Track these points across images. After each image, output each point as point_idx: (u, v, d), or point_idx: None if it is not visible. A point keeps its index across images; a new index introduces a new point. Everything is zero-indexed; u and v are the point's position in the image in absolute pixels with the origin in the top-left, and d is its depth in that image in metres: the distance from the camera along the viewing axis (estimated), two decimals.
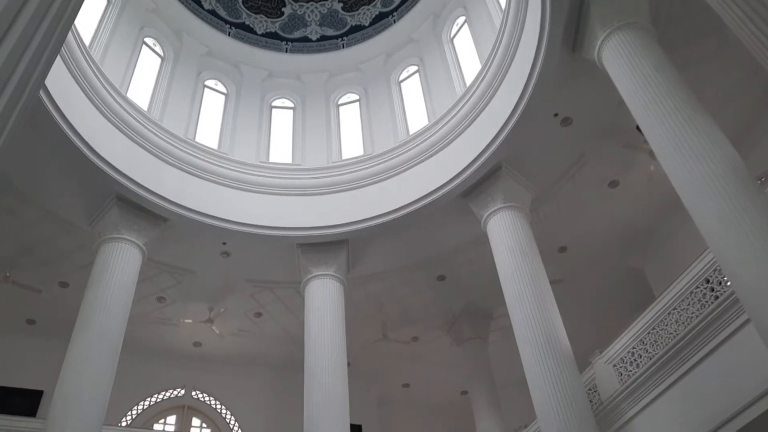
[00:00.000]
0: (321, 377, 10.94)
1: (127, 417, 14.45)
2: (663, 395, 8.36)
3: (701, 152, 6.97)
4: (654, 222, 13.21)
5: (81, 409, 9.03)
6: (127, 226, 11.27)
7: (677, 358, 8.14)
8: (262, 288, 14.02)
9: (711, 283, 7.94)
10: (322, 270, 12.51)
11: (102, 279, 10.50)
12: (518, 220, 11.05)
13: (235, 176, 13.13)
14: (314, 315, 11.87)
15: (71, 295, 12.72)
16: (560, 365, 9.06)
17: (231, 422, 15.35)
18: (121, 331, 10.25)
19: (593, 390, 9.70)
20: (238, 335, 15.24)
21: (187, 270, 13.29)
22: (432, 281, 14.13)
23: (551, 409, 8.74)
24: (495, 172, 11.39)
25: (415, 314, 15.09)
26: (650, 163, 11.58)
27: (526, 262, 10.39)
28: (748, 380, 7.06)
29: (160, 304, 14.10)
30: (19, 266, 12.70)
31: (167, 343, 15.17)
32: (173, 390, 15.34)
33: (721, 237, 6.45)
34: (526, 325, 9.63)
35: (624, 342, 9.25)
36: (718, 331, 7.64)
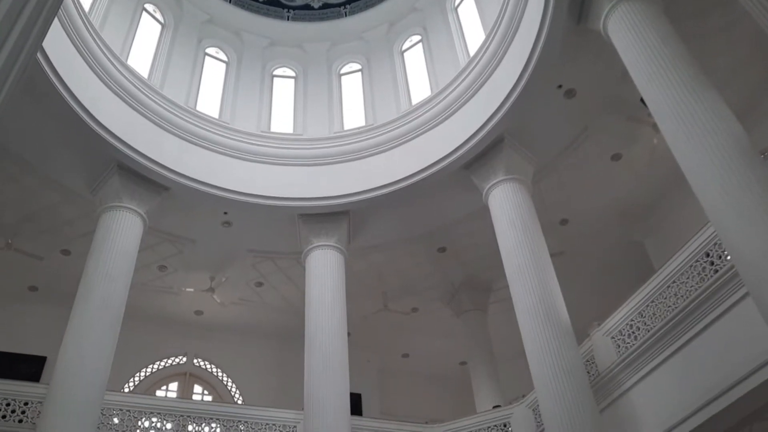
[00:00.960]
0: (321, 346, 11.05)
1: (130, 383, 14.64)
2: (660, 367, 8.44)
3: (705, 126, 6.92)
4: (656, 196, 13.18)
5: (84, 375, 9.15)
6: (128, 195, 11.28)
7: (675, 331, 8.21)
8: (263, 258, 14.08)
9: (711, 256, 7.96)
10: (323, 240, 12.54)
11: (103, 247, 10.54)
12: (520, 192, 11.03)
13: (236, 145, 13.09)
14: (315, 285, 11.94)
15: (73, 262, 12.78)
16: (559, 337, 9.14)
17: (232, 389, 15.55)
18: (123, 298, 10.33)
19: (591, 361, 9.80)
20: (240, 304, 15.34)
21: (189, 239, 13.34)
22: (432, 253, 14.18)
23: (549, 379, 8.85)
24: (497, 144, 11.34)
25: (415, 285, 15.17)
26: (653, 137, 11.50)
27: (527, 234, 10.40)
28: (746, 353, 7.12)
29: (162, 273, 14.18)
30: (21, 233, 12.74)
31: (169, 311, 15.29)
32: (175, 357, 15.52)
33: (722, 211, 6.44)
34: (526, 297, 9.69)
35: (623, 314, 9.31)
36: (717, 304, 7.69)
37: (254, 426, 10.97)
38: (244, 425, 10.95)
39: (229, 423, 10.88)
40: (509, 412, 11.54)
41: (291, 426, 11.14)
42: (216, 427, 10.75)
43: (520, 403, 11.45)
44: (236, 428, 10.88)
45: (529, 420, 11.02)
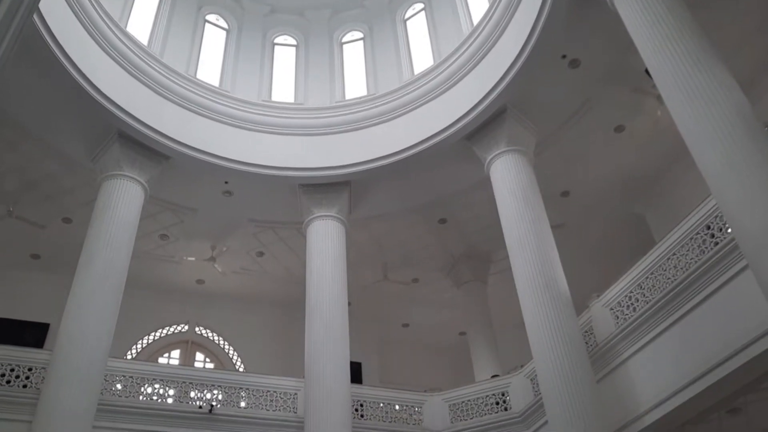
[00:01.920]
0: (322, 315, 11.13)
1: (132, 350, 14.80)
2: (658, 338, 8.51)
3: (709, 96, 6.86)
4: (658, 169, 13.13)
5: (86, 342, 9.25)
6: (129, 163, 11.25)
7: (674, 303, 8.25)
8: (264, 228, 14.10)
9: (712, 229, 7.96)
10: (324, 211, 12.54)
11: (105, 215, 10.56)
12: (521, 163, 10.99)
13: (237, 114, 13.01)
14: (316, 255, 11.98)
15: (75, 230, 12.81)
16: (558, 308, 9.20)
17: (233, 357, 15.71)
18: (124, 266, 10.38)
19: (589, 332, 9.87)
20: (241, 274, 15.42)
21: (190, 208, 13.34)
22: (433, 224, 14.19)
23: (547, 350, 8.93)
24: (500, 115, 11.26)
25: (415, 256, 15.22)
26: (657, 108, 11.42)
27: (528, 206, 10.40)
28: (743, 325, 7.16)
29: (163, 242, 14.22)
30: (23, 201, 12.75)
31: (171, 280, 15.37)
32: (177, 325, 15.66)
33: (724, 183, 6.42)
34: (526, 268, 9.73)
35: (622, 286, 9.35)
36: (716, 276, 7.72)
37: (255, 393, 11.11)
38: (245, 392, 11.08)
39: (230, 390, 11.01)
40: (507, 381, 11.68)
41: (291, 393, 11.28)
42: (218, 393, 10.89)
43: (518, 373, 11.58)
44: (237, 395, 11.02)
45: (527, 389, 11.15)
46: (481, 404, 11.59)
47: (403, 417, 11.75)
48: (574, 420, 8.14)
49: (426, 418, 11.77)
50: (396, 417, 11.72)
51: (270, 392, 11.21)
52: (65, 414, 8.54)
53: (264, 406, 11.02)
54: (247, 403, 11.00)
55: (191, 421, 10.32)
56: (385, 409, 11.73)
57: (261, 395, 11.13)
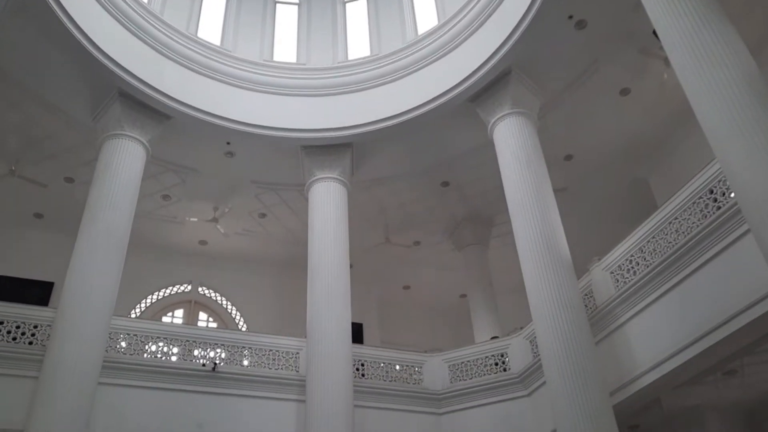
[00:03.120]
0: (324, 277, 11.21)
1: (136, 309, 14.97)
2: (657, 301, 8.58)
3: (717, 59, 6.75)
4: (662, 133, 13.03)
5: (90, 300, 9.34)
6: (130, 123, 11.19)
7: (674, 267, 8.29)
8: (266, 189, 14.09)
9: (714, 193, 7.94)
10: (326, 173, 12.51)
11: (106, 175, 10.55)
12: (525, 126, 10.91)
13: (238, 74, 12.87)
14: (318, 217, 12.00)
15: (77, 190, 12.83)
16: (558, 271, 9.24)
17: (236, 317, 15.89)
18: (127, 226, 10.42)
19: (589, 295, 9.95)
20: (243, 235, 15.48)
21: (192, 169, 13.32)
22: (436, 187, 14.17)
23: (547, 312, 9.00)
24: (504, 77, 11.12)
25: (417, 219, 15.24)
26: (664, 71, 11.26)
27: (531, 169, 10.36)
28: (742, 289, 7.22)
29: (166, 202, 14.24)
30: (25, 160, 12.73)
31: (174, 240, 15.45)
32: (180, 285, 15.79)
33: (729, 146, 6.36)
34: (527, 231, 9.74)
35: (623, 250, 9.39)
36: (717, 241, 7.73)
37: (258, 352, 11.26)
38: (248, 351, 11.23)
39: (233, 349, 11.16)
40: (507, 343, 11.82)
41: (294, 352, 11.43)
42: (221, 352, 11.04)
43: (517, 335, 11.71)
44: (240, 354, 11.17)
45: (525, 351, 11.29)
46: (481, 365, 11.76)
47: (403, 377, 11.93)
48: (571, 381, 8.26)
49: (426, 378, 11.95)
50: (396, 377, 11.90)
51: (272, 351, 11.36)
52: (71, 370, 8.68)
53: (266, 364, 11.18)
54: (250, 362, 11.16)
55: (195, 379, 10.49)
56: (386, 368, 11.90)
57: (263, 354, 11.28)
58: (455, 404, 11.56)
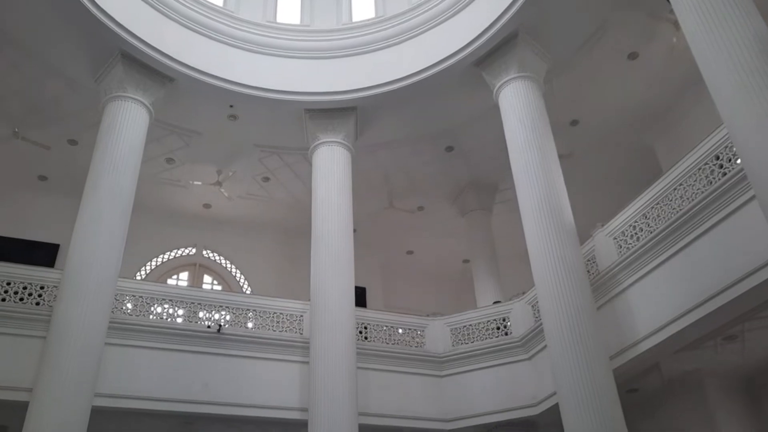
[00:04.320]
0: (328, 241, 11.24)
1: (142, 272, 15.09)
2: (660, 267, 8.61)
3: (728, 21, 6.63)
4: (670, 99, 12.90)
5: (96, 262, 9.40)
6: (133, 85, 11.11)
7: (678, 233, 8.29)
8: (270, 153, 14.05)
9: (720, 159, 7.90)
10: (330, 137, 12.44)
11: (110, 137, 10.52)
12: (531, 91, 10.79)
13: (242, 36, 12.70)
14: (321, 181, 11.97)
15: (81, 152, 12.81)
16: (562, 236, 9.24)
17: (241, 281, 16.02)
18: (131, 188, 10.42)
19: (592, 261, 9.98)
20: (247, 199, 15.50)
21: (195, 132, 13.26)
22: (440, 152, 14.11)
23: (549, 277, 9.04)
24: (511, 40, 10.94)
25: (421, 184, 15.22)
26: (673, 35, 11.11)
27: (536, 134, 10.28)
28: (745, 255, 7.23)
29: (169, 165, 14.22)
30: (28, 123, 12.70)
31: (178, 204, 15.48)
32: (185, 248, 15.89)
33: (737, 111, 6.30)
34: (531, 197, 9.72)
35: (627, 216, 9.38)
36: (722, 207, 7.72)
37: (262, 314, 11.38)
38: (252, 313, 11.35)
39: (238, 311, 11.27)
40: (509, 307, 11.91)
41: (297, 315, 11.55)
42: (225, 314, 11.16)
43: (519, 300, 11.80)
44: (245, 316, 11.29)
45: (527, 315, 11.39)
46: (482, 329, 11.87)
47: (405, 340, 12.07)
48: (572, 345, 8.33)
49: (428, 341, 12.09)
50: (399, 340, 12.04)
51: (276, 314, 11.48)
52: (78, 331, 8.78)
53: (271, 327, 11.31)
54: (255, 324, 11.29)
55: (200, 340, 10.63)
56: (389, 332, 12.04)
57: (268, 317, 11.40)
58: (457, 367, 11.72)
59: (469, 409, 11.32)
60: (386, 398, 11.17)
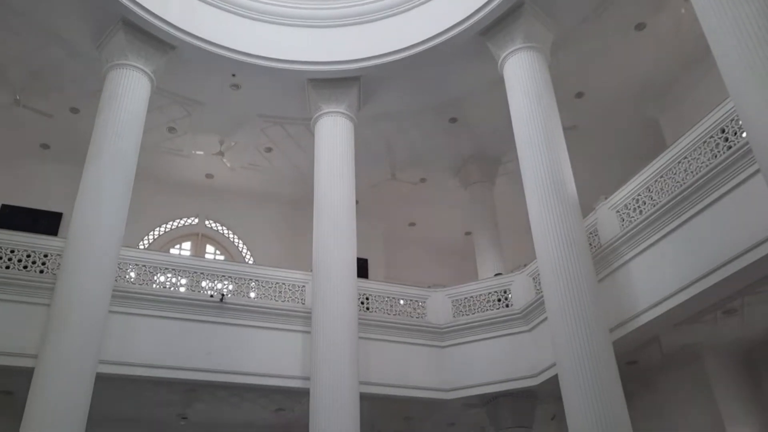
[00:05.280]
0: (330, 211, 11.24)
1: (144, 241, 15.14)
2: (662, 240, 8.61)
3: None
4: (676, 71, 12.77)
5: (99, 231, 9.42)
6: (135, 52, 11.00)
7: (681, 206, 8.27)
8: (272, 123, 13.98)
9: (726, 132, 7.84)
10: (333, 107, 12.35)
11: (111, 105, 10.46)
12: (537, 62, 10.66)
13: (244, 4, 12.49)
14: (324, 151, 11.92)
15: (83, 121, 12.72)
16: (564, 209, 9.21)
17: (243, 251, 16.08)
18: (134, 157, 10.39)
19: (594, 234, 9.99)
20: (249, 169, 15.47)
21: (197, 101, 13.17)
22: (443, 123, 14.02)
23: (551, 249, 9.03)
24: (517, 9, 10.77)
25: (424, 156, 15.16)
26: (681, 5, 10.94)
27: (541, 105, 10.19)
28: (747, 229, 7.22)
29: (171, 135, 14.16)
30: (29, 90, 12.62)
31: (180, 174, 15.46)
32: (187, 218, 15.93)
33: (744, 83, 6.22)
34: (535, 169, 9.67)
35: (630, 189, 9.36)
36: (726, 181, 7.69)
37: (264, 284, 11.45)
38: (255, 283, 11.42)
39: (240, 281, 11.34)
40: (510, 279, 11.96)
41: (300, 286, 11.62)
42: (228, 284, 11.22)
43: (521, 272, 11.84)
44: (247, 286, 11.36)
45: (528, 287, 11.44)
46: (483, 300, 11.94)
47: (407, 311, 12.15)
48: (573, 317, 8.36)
49: (429, 312, 12.17)
50: (400, 311, 12.12)
51: (279, 284, 11.55)
52: (82, 299, 8.84)
53: (273, 297, 11.38)
54: (257, 294, 11.36)
55: (203, 309, 10.71)
56: (390, 302, 12.11)
57: (270, 287, 11.47)
58: (457, 338, 11.82)
59: (469, 380, 11.45)
60: (387, 368, 11.28)
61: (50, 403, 8.01)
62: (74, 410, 8.16)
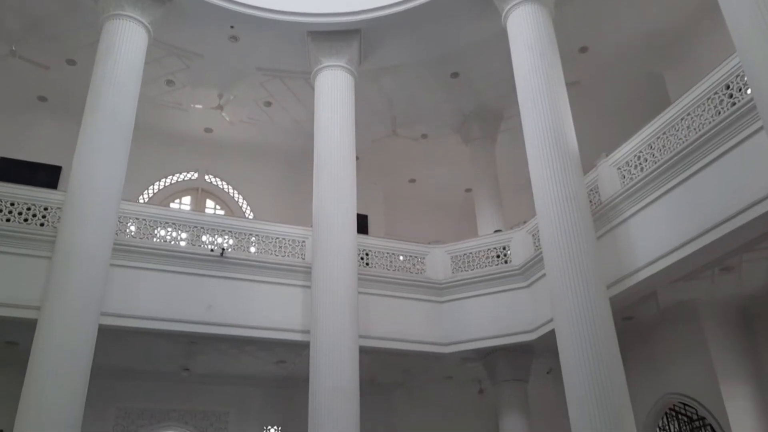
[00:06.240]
0: (330, 167, 11.19)
1: (144, 195, 15.13)
2: (662, 198, 8.59)
3: None
4: (682, 26, 12.54)
5: (98, 184, 9.40)
6: (131, 3, 10.76)
7: (682, 163, 8.23)
8: (271, 77, 13.79)
9: (731, 89, 7.73)
10: (333, 61, 12.16)
11: (109, 57, 10.30)
12: (541, 15, 10.42)
13: None
14: (324, 106, 11.79)
15: (80, 73, 12.56)
16: (565, 165, 9.15)
17: (243, 206, 16.09)
18: (132, 110, 10.29)
19: (594, 191, 9.96)
20: (249, 123, 15.34)
21: (195, 53, 12.96)
22: (445, 78, 13.84)
23: (551, 206, 9.00)
24: None
25: (425, 112, 15.03)
26: None
27: (544, 61, 10.02)
28: (748, 186, 7.19)
29: (170, 88, 13.99)
30: (24, 41, 12.42)
31: (179, 128, 15.34)
32: (187, 173, 15.88)
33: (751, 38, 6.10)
34: (536, 125, 9.57)
35: (632, 145, 9.29)
36: (728, 138, 7.62)
37: (265, 239, 11.48)
38: (255, 238, 11.45)
39: (240, 236, 11.36)
40: (509, 236, 12.00)
41: (300, 241, 11.65)
42: (228, 238, 11.25)
43: (520, 228, 11.87)
44: (248, 241, 11.39)
45: (527, 244, 11.48)
46: (483, 257, 12.01)
47: (406, 266, 12.22)
48: (571, 273, 8.40)
49: (428, 268, 12.24)
50: (400, 266, 12.19)
51: (279, 239, 11.58)
52: (82, 252, 8.87)
53: (273, 252, 11.42)
54: (257, 249, 11.40)
55: (204, 263, 10.76)
56: (390, 258, 12.17)
57: (270, 242, 11.50)
58: (456, 293, 11.93)
59: (467, 334, 11.60)
60: (387, 322, 11.41)
61: (54, 354, 8.13)
62: (78, 361, 8.28)
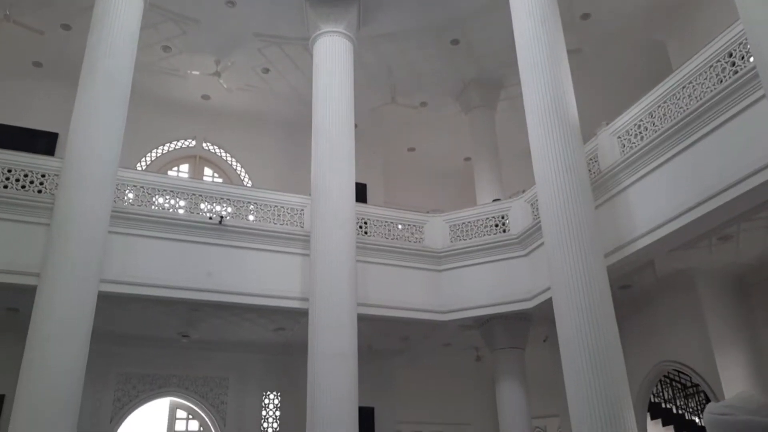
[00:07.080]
0: (328, 135, 11.11)
1: (142, 163, 15.07)
2: (662, 167, 8.56)
3: None
4: None
5: (95, 151, 9.33)
6: None
7: (683, 132, 8.18)
8: (269, 43, 13.62)
9: (733, 56, 7.64)
10: (332, 26, 11.99)
11: (104, 22, 10.13)
12: None
13: None
14: (322, 73, 11.67)
15: (75, 38, 12.42)
16: (565, 134, 9.07)
17: (241, 174, 16.04)
18: (128, 75, 10.17)
19: (594, 160, 9.93)
20: (246, 90, 15.20)
21: (192, 19, 12.76)
22: (445, 45, 13.68)
23: (550, 175, 8.96)
24: None
25: (425, 80, 14.89)
26: None
27: (546, 27, 9.85)
28: (748, 155, 7.16)
29: (166, 54, 13.82)
30: (19, 5, 12.20)
31: (176, 95, 15.20)
32: (184, 140, 15.79)
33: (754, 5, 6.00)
34: (537, 93, 9.46)
35: (632, 114, 9.23)
36: (730, 106, 7.55)
37: (263, 207, 11.47)
38: (254, 206, 11.44)
39: (239, 204, 11.35)
40: (508, 205, 12.00)
41: (298, 209, 11.65)
42: (227, 206, 11.24)
43: (519, 198, 11.86)
44: (246, 209, 11.38)
45: (526, 213, 11.49)
46: (481, 226, 12.02)
47: (405, 235, 12.24)
48: (569, 241, 8.39)
49: (427, 237, 12.27)
50: (398, 235, 12.21)
51: (277, 207, 11.57)
52: (81, 219, 8.86)
53: (272, 220, 11.42)
54: (256, 217, 11.40)
55: (203, 231, 10.77)
56: (388, 227, 12.19)
57: (269, 210, 11.50)
58: (454, 262, 11.97)
59: (465, 302, 11.68)
60: (385, 290, 11.48)
61: (54, 320, 8.18)
62: (78, 326, 8.33)
